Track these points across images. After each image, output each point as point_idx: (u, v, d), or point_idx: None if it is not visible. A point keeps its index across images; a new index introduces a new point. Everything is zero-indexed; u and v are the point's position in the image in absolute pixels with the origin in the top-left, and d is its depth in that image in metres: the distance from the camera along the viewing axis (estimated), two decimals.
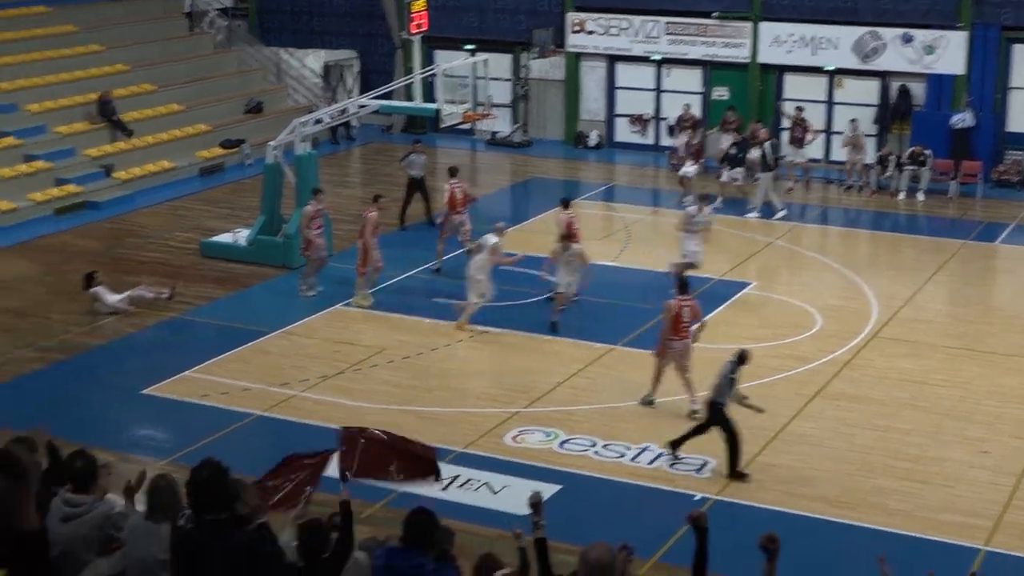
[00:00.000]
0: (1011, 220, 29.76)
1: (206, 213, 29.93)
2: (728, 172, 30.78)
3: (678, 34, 35.73)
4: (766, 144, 30.09)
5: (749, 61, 34.96)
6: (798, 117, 32.49)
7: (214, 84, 37.39)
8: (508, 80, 38.16)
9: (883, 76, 33.78)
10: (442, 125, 28.36)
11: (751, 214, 29.45)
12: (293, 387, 19.40)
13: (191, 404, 18.94)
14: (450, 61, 31.00)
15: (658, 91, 36.78)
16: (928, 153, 31.68)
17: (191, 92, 36.18)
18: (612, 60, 37.05)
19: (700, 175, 31.20)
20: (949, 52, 32.73)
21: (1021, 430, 18.14)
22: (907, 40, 33.14)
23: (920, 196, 31.61)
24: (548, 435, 17.81)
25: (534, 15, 37.45)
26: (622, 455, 17.22)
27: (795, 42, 34.40)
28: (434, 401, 19.04)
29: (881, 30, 33.38)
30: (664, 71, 36.55)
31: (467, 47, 36.53)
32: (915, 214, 30.96)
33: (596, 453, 17.29)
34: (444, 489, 16.00)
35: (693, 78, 36.23)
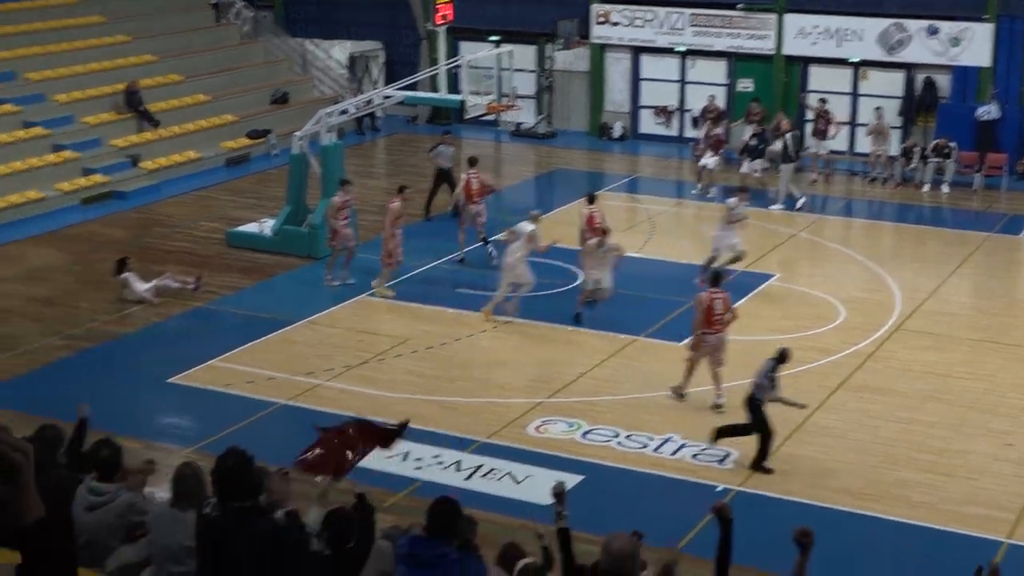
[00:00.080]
0: None
1: (232, 203, 30.00)
2: (748, 163, 30.72)
3: (703, 26, 35.63)
4: (788, 135, 30.03)
5: (774, 53, 34.83)
6: (821, 109, 32.39)
7: (240, 75, 37.47)
8: (533, 71, 38.13)
9: (908, 68, 33.60)
10: (467, 116, 28.37)
11: (775, 206, 29.36)
12: (317, 376, 19.44)
13: (216, 393, 19.00)
14: (475, 52, 31.03)
15: (683, 83, 36.67)
16: (953, 145, 31.50)
17: (217, 83, 36.27)
18: (637, 51, 36.96)
19: (720, 167, 31.11)
20: (975, 44, 32.54)
21: None
22: (932, 32, 32.97)
23: (945, 188, 31.43)
24: (571, 425, 17.80)
25: (559, 6, 37.35)
26: (645, 446, 17.20)
27: (820, 34, 34.27)
28: (457, 391, 19.06)
29: (906, 22, 33.20)
30: (689, 63, 36.43)
31: (492, 38, 36.58)
32: (940, 206, 30.84)
33: (619, 444, 17.27)
34: (467, 479, 16.08)
35: (718, 70, 36.12)
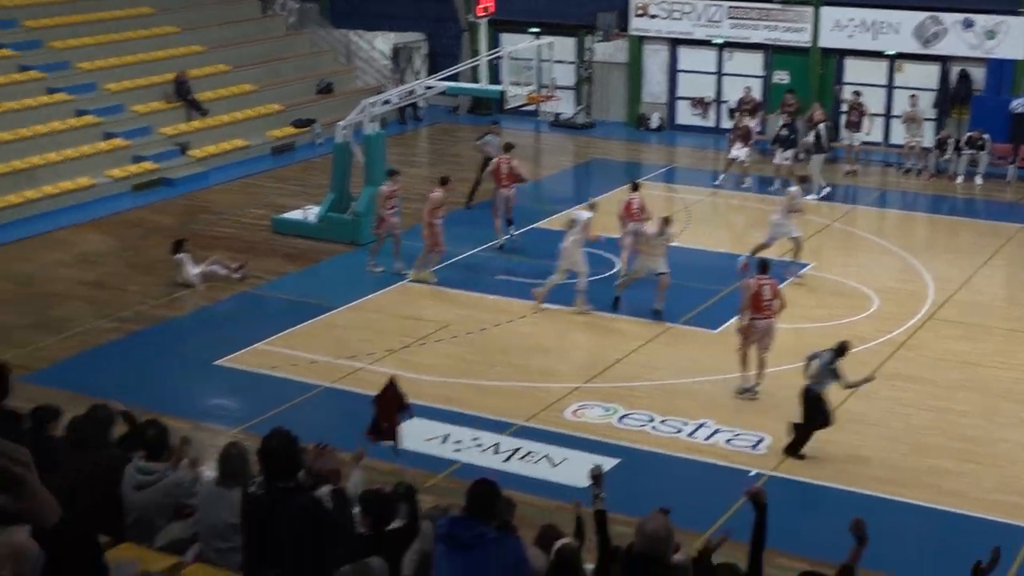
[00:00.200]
0: None
1: (277, 190, 30.12)
2: (781, 153, 30.58)
3: (740, 18, 35.48)
4: (821, 126, 29.90)
5: (810, 45, 34.63)
6: (855, 101, 32.19)
7: (286, 65, 37.57)
8: (572, 63, 38.07)
9: (943, 60, 33.34)
10: (507, 106, 28.36)
11: (809, 196, 29.19)
12: (360, 360, 19.50)
13: (261, 375, 19.11)
14: (515, 44, 30.99)
15: (719, 74, 36.52)
16: (987, 137, 31.24)
17: (264, 73, 36.39)
18: (674, 43, 36.82)
19: (751, 157, 30.92)
20: (1010, 37, 32.22)
21: None
22: (968, 25, 32.71)
23: (978, 180, 31.19)
24: (607, 410, 17.80)
25: None
26: (679, 430, 17.18)
27: (856, 27, 34.05)
28: (496, 375, 19.09)
29: (942, 15, 32.93)
30: (726, 55, 36.27)
31: (532, 30, 36.51)
32: (973, 198, 30.61)
33: (654, 428, 17.26)
34: (506, 461, 16.12)
35: (754, 62, 35.96)
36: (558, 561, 9.40)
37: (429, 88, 28.63)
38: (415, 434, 16.70)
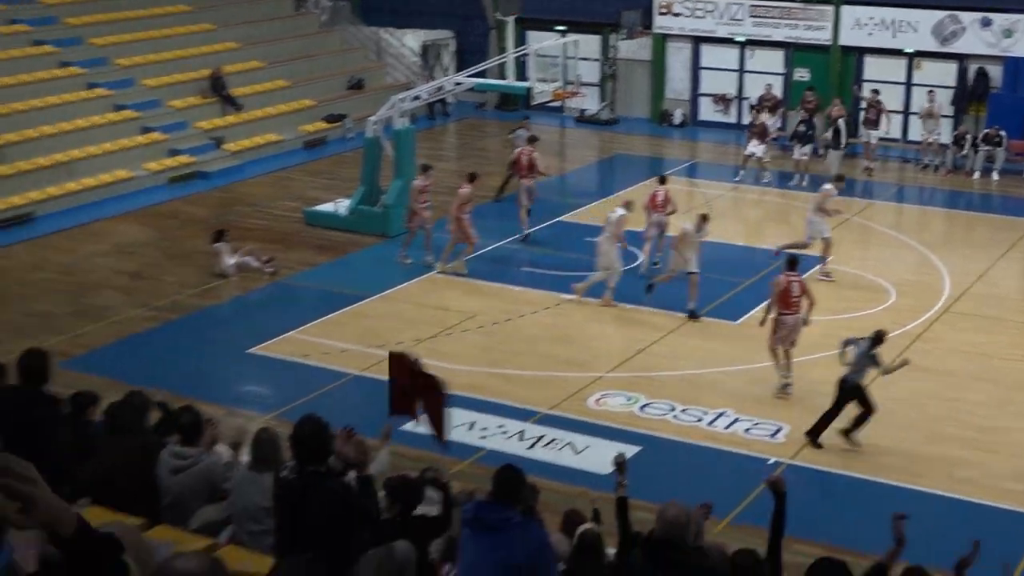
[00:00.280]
0: None
1: (309, 184, 30.17)
2: (799, 149, 30.48)
3: (762, 16, 35.36)
4: (839, 121, 29.81)
5: (831, 43, 34.50)
6: (873, 100, 32.03)
7: (318, 61, 37.62)
8: (597, 60, 38.02)
9: (961, 59, 33.17)
10: (533, 102, 28.46)
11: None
12: (389, 348, 19.50)
13: (293, 363, 19.17)
14: (542, 41, 31.02)
15: (741, 72, 36.42)
16: (1003, 134, 31.10)
17: (297, 69, 36.45)
18: (697, 41, 36.72)
19: (768, 153, 30.76)
20: None
21: None
22: (986, 24, 32.53)
23: (995, 176, 31.04)
24: (629, 399, 17.80)
25: None
26: (700, 419, 17.17)
27: (876, 25, 33.89)
28: (521, 365, 19.10)
29: (960, 14, 32.75)
30: (747, 52, 36.16)
31: (558, 28, 36.50)
32: (989, 193, 30.47)
33: (675, 417, 17.26)
34: (530, 448, 16.14)
35: (775, 59, 35.83)
36: (581, 545, 9.42)
37: (457, 84, 28.66)
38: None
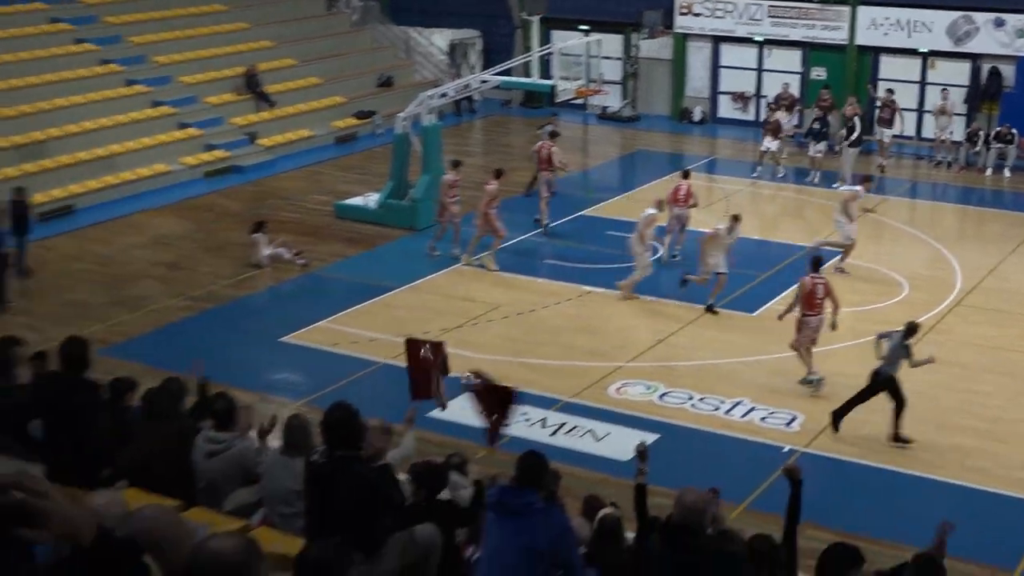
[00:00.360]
0: None
1: (340, 178, 30.22)
2: (814, 146, 30.38)
3: (780, 16, 35.24)
4: (855, 119, 29.70)
5: (847, 43, 34.36)
6: (888, 99, 31.86)
7: (349, 60, 37.64)
8: (619, 59, 37.92)
9: (974, 58, 32.98)
10: (557, 100, 28.41)
11: (843, 187, 29.00)
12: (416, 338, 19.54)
13: (323, 352, 19.22)
14: (566, 40, 31.00)
15: (760, 70, 36.30)
16: (1015, 132, 30.93)
17: (328, 67, 36.48)
18: (717, 41, 36.62)
19: (782, 149, 30.70)
20: None
21: None
22: (999, 24, 32.33)
23: (1006, 173, 30.88)
24: (649, 388, 17.80)
25: None
26: (717, 408, 17.15)
27: (891, 25, 33.73)
28: (544, 354, 19.10)
29: (974, 14, 32.56)
30: (766, 51, 36.04)
31: (582, 27, 36.43)
32: (1001, 190, 30.29)
33: (693, 406, 17.24)
34: (552, 435, 16.14)
35: (793, 58, 35.70)
36: (601, 529, 9.44)
37: (484, 82, 28.63)
38: (468, 409, 16.77)
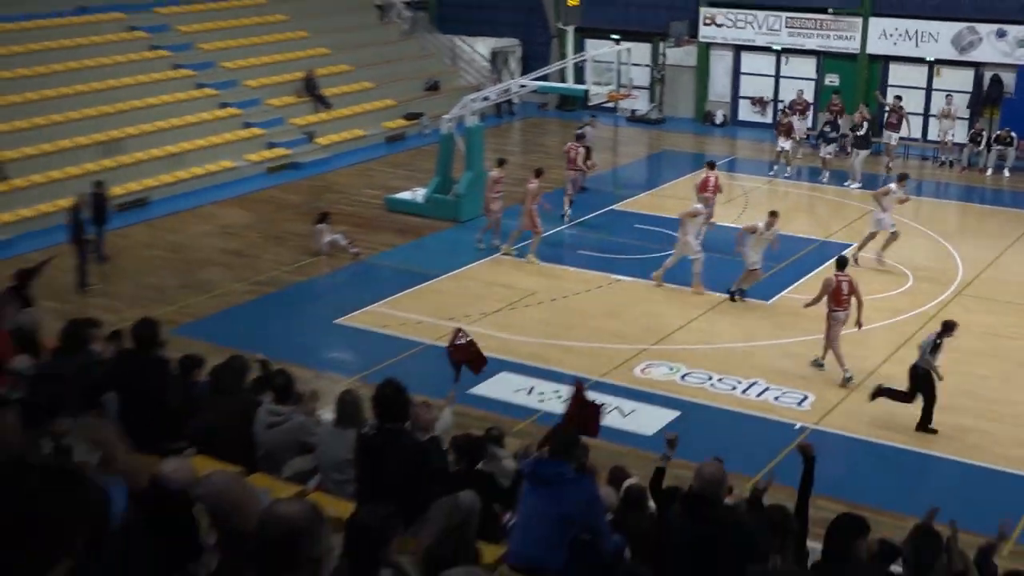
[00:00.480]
0: None
1: (390, 174, 30.29)
2: (825, 148, 30.23)
3: (796, 27, 35.04)
4: (864, 123, 29.56)
5: (858, 52, 34.14)
6: (896, 105, 31.62)
7: (399, 66, 37.68)
8: (647, 66, 37.84)
9: (977, 66, 32.68)
10: (590, 103, 28.30)
11: (853, 185, 28.89)
12: (458, 321, 19.52)
13: (374, 333, 19.29)
14: (598, 49, 30.98)
15: (777, 77, 36.13)
16: (1014, 135, 30.69)
17: (380, 72, 36.55)
18: (738, 49, 36.47)
19: (795, 149, 30.55)
20: None
21: None
22: (1001, 35, 32.01)
23: (1006, 173, 30.64)
24: (671, 369, 17.78)
25: (671, 9, 36.97)
26: (734, 388, 17.13)
27: (900, 35, 33.47)
28: (575, 337, 19.12)
29: (978, 25, 32.26)
30: (783, 59, 35.88)
31: (613, 37, 36.32)
32: (1001, 189, 30.03)
33: (712, 386, 17.22)
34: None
35: (808, 66, 35.50)
36: (627, 498, 9.47)
37: (522, 87, 28.67)
38: (506, 386, 16.90)
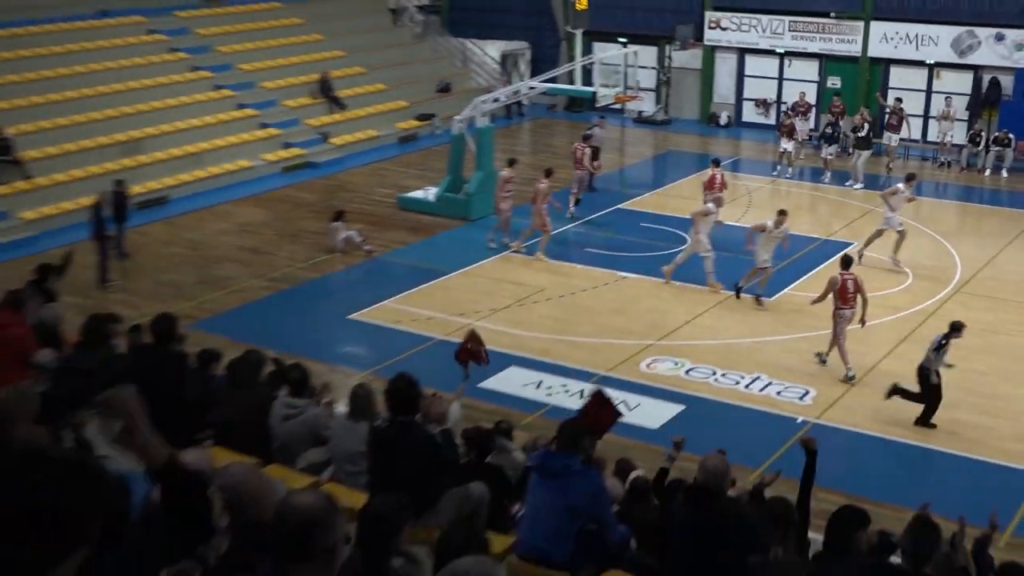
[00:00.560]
0: None
1: (403, 173, 30.28)
2: (826, 148, 30.15)
3: (799, 31, 34.95)
4: (865, 125, 29.47)
5: (860, 55, 34.04)
6: (896, 107, 31.51)
7: (412, 68, 37.68)
8: (653, 68, 37.73)
9: (976, 69, 32.57)
10: (597, 105, 28.36)
11: (856, 185, 28.81)
12: (469, 317, 19.59)
13: (386, 328, 19.26)
14: (606, 51, 30.95)
15: (780, 79, 36.05)
16: (1012, 136, 30.58)
17: (393, 74, 36.55)
18: (742, 52, 36.39)
19: (797, 150, 30.47)
20: None
21: None
22: (1000, 39, 31.89)
23: (1004, 173, 30.52)
24: (676, 364, 17.74)
25: (677, 13, 36.94)
26: (737, 382, 17.08)
27: (901, 39, 33.37)
28: (582, 332, 19.08)
29: (977, 29, 32.16)
30: (786, 62, 35.79)
31: (620, 40, 36.28)
32: (999, 189, 29.91)
33: (715, 380, 17.18)
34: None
35: (811, 69, 35.41)
36: (632, 489, 9.45)
37: (532, 89, 28.62)
38: (515, 380, 16.87)
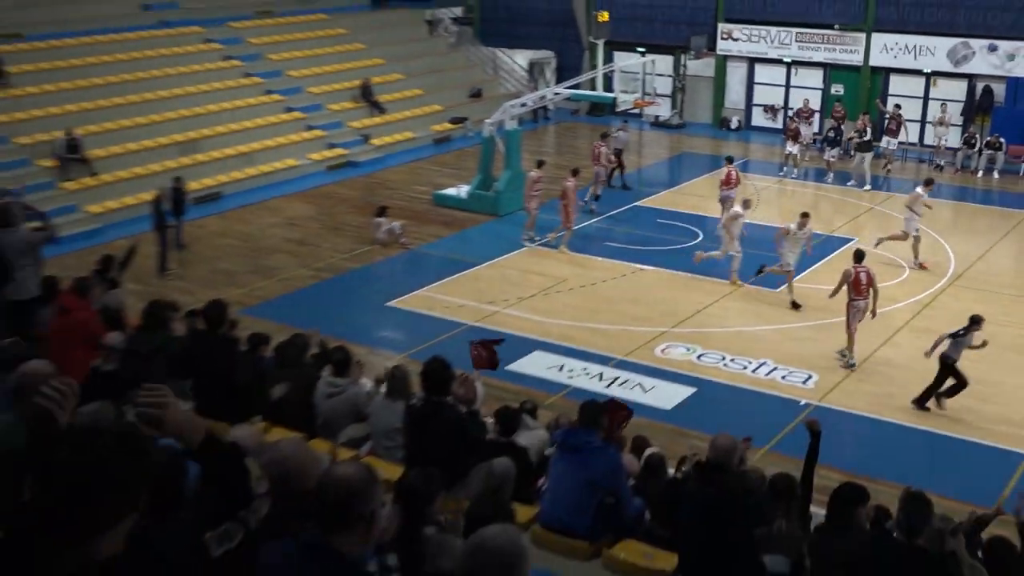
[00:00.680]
0: None
1: (437, 172, 30.33)
2: (829, 151, 29.98)
3: (805, 41, 34.75)
4: (867, 129, 29.31)
5: (862, 64, 33.82)
6: (895, 113, 31.29)
7: (446, 75, 37.71)
8: (670, 75, 37.61)
9: (971, 78, 32.31)
10: (617, 109, 28.34)
11: (865, 187, 28.63)
12: (497, 305, 19.65)
13: (421, 314, 19.33)
14: (625, 60, 30.85)
15: (787, 87, 35.84)
16: (1003, 140, 30.36)
17: (429, 81, 36.57)
18: (752, 61, 36.21)
19: (802, 152, 30.33)
20: None
21: None
22: (992, 49, 31.62)
23: (995, 175, 30.26)
24: (688, 349, 17.73)
25: (692, 24, 36.77)
26: (745, 367, 17.05)
27: (900, 49, 33.12)
28: (602, 320, 19.09)
29: (972, 40, 31.88)
30: (793, 71, 35.60)
31: (639, 49, 36.17)
32: (990, 190, 29.67)
33: (725, 365, 17.15)
34: (607, 387, 16.18)
35: (815, 77, 35.21)
36: (647, 465, 9.47)
37: (557, 94, 28.61)
38: (540, 363, 16.91)
